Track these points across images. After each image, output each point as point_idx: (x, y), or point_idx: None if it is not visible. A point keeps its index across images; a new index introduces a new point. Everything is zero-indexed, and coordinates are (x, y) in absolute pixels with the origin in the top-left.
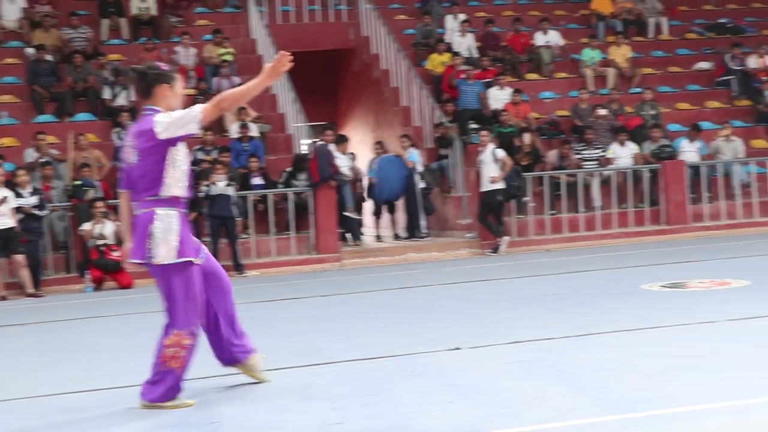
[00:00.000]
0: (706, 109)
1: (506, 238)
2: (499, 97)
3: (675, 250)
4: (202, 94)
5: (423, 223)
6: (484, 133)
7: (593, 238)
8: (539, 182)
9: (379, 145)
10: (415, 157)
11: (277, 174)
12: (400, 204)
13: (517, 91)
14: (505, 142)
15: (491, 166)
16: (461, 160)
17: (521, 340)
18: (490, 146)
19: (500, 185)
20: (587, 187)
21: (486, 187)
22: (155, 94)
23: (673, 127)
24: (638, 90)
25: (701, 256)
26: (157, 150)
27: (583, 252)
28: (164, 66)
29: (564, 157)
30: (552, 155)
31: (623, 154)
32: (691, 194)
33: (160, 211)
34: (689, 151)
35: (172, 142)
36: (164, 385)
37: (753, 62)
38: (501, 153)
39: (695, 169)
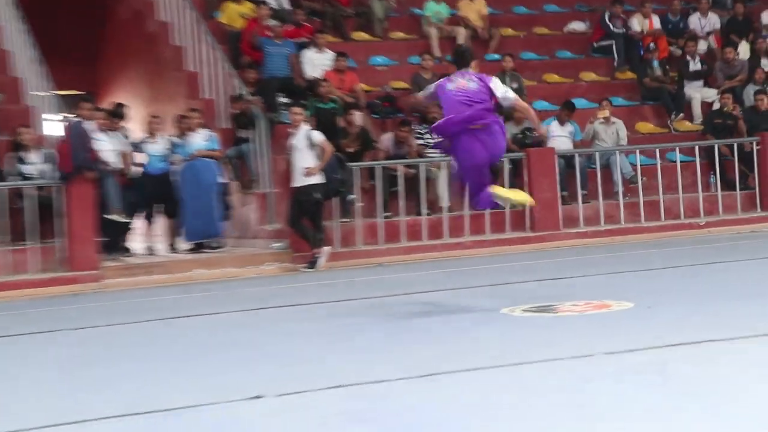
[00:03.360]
0: (581, 83)
1: (326, 249)
2: (317, 63)
3: (543, 263)
4: None
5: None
6: (296, 109)
7: (440, 248)
8: (370, 175)
9: (157, 122)
10: (214, 141)
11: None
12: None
13: (341, 55)
14: (325, 121)
15: (306, 153)
16: (267, 146)
17: (344, 383)
18: (305, 127)
19: (318, 179)
20: (432, 183)
21: (299, 181)
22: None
23: (540, 104)
24: (496, 57)
25: (575, 271)
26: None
27: (426, 266)
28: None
29: (402, 142)
30: (386, 140)
31: None
32: (561, 192)
33: None
34: (560, 137)
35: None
36: None
37: (637, 24)
38: (319, 136)
39: (567, 159)
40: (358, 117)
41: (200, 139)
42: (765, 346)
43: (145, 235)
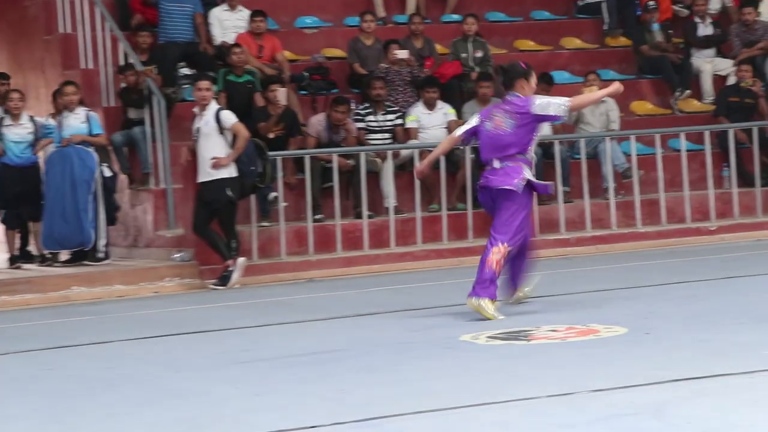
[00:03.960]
0: (563, 51)
1: (241, 261)
2: (228, 24)
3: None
4: None
5: (102, 240)
6: (203, 84)
7: (385, 259)
8: (297, 167)
9: (18, 99)
10: (95, 124)
11: None
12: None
13: (259, 15)
14: (240, 99)
15: (215, 139)
16: (164, 130)
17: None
18: (214, 107)
19: (230, 172)
20: (375, 177)
21: (207, 175)
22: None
23: None
24: (455, 18)
25: (554, 288)
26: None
27: (368, 282)
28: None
29: (337, 126)
30: (317, 123)
31: (433, 122)
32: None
33: None
34: None
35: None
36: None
37: None
38: (231, 119)
39: (545, 147)
40: (281, 94)
41: (76, 121)
42: None
43: (5, 244)
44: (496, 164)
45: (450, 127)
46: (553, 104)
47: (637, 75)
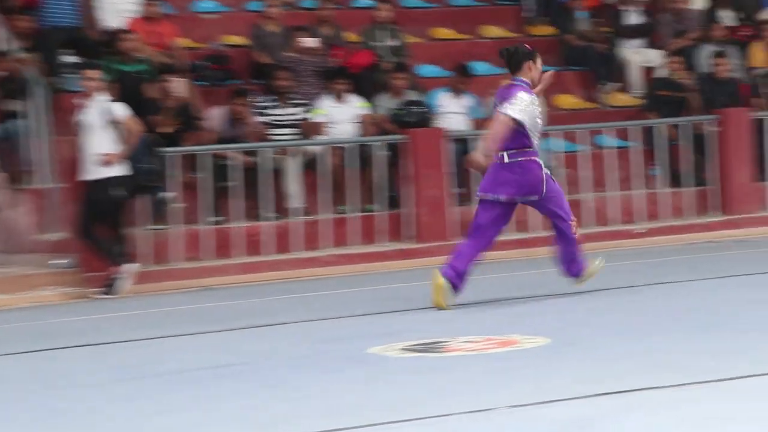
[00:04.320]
0: (483, 40)
1: (131, 268)
2: (118, 7)
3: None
4: None
5: None
6: (90, 72)
7: (289, 265)
8: (191, 165)
9: None
10: None
11: None
12: None
13: None
14: (131, 90)
15: (103, 134)
16: (46, 123)
17: None
18: (102, 98)
19: (120, 170)
20: (279, 175)
21: (93, 173)
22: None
23: (427, 69)
24: (368, 3)
25: (471, 296)
26: None
27: (270, 290)
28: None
29: (238, 120)
30: (216, 116)
31: (341, 116)
32: (458, 188)
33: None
34: (453, 113)
35: None
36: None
37: None
38: (121, 111)
39: (463, 143)
40: (176, 84)
41: None
42: (722, 394)
43: None
44: (506, 158)
45: (360, 121)
46: (524, 106)
47: (562, 66)
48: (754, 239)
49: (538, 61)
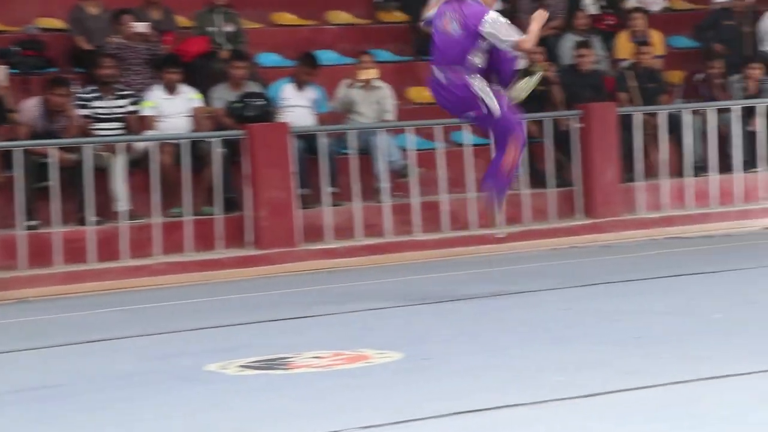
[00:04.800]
0: (329, 27)
1: None
2: None
3: (272, 295)
4: None
5: None
6: None
7: (115, 274)
8: (4, 162)
9: None
10: None
11: None
12: None
13: None
14: None
15: None
16: None
17: None
18: None
19: None
20: (103, 175)
21: None
22: None
23: (268, 58)
24: None
25: (317, 308)
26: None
27: (93, 302)
28: None
29: (56, 112)
30: (30, 108)
31: (174, 108)
32: (301, 189)
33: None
34: (297, 106)
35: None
36: None
37: None
38: None
39: (309, 140)
40: None
41: None
42: (572, 413)
43: None
44: (440, 75)
45: (194, 115)
46: (503, 33)
47: (415, 56)
48: (620, 244)
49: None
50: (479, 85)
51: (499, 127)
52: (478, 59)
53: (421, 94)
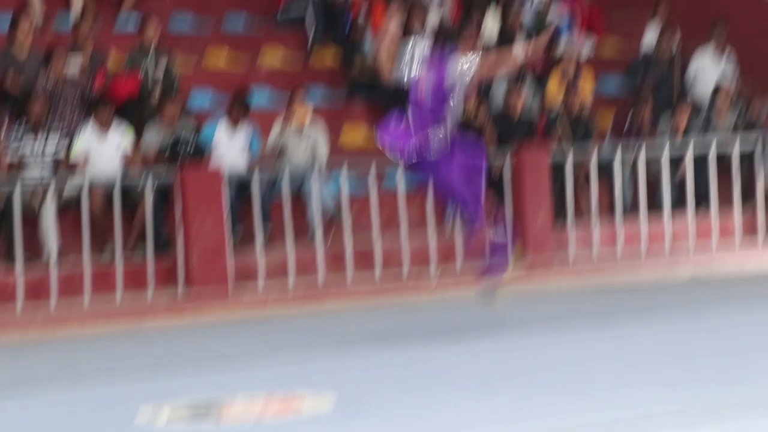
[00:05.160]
0: (262, 67)
1: None
2: None
3: (209, 336)
4: None
5: None
6: None
7: (45, 319)
8: None
9: None
10: None
11: None
12: None
13: None
14: None
15: None
16: None
17: None
18: None
19: None
20: (31, 217)
21: None
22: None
23: (199, 99)
24: (134, 25)
25: (256, 350)
26: None
27: (19, 351)
28: None
29: None
30: None
31: (105, 149)
32: (233, 232)
33: None
34: (230, 148)
35: None
36: None
37: None
38: None
39: (241, 183)
40: None
41: None
42: None
43: None
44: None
45: (125, 157)
46: (464, 69)
47: (348, 99)
48: (550, 290)
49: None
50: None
51: (465, 203)
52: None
53: (355, 137)
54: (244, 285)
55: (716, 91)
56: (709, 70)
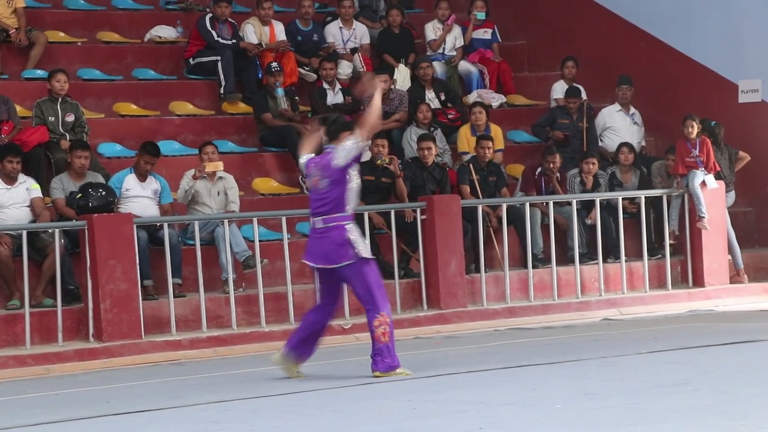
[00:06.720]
0: (172, 117)
1: None
2: None
3: (119, 387)
4: None
5: None
6: None
7: None
8: None
9: None
10: None
11: None
12: None
13: None
14: None
15: None
16: None
17: None
18: None
19: None
20: None
21: None
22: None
23: (108, 148)
24: (39, 74)
25: (165, 401)
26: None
27: None
28: None
29: None
30: None
31: (12, 199)
32: (144, 280)
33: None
34: (140, 197)
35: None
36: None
37: (252, 33)
38: None
39: (152, 231)
40: None
41: None
42: None
43: None
44: (319, 224)
45: (33, 205)
46: (349, 146)
47: (260, 147)
48: (465, 335)
49: (356, 131)
50: (354, 233)
51: (363, 293)
52: (351, 205)
53: (266, 184)
54: (156, 333)
55: (620, 147)
56: (616, 126)
